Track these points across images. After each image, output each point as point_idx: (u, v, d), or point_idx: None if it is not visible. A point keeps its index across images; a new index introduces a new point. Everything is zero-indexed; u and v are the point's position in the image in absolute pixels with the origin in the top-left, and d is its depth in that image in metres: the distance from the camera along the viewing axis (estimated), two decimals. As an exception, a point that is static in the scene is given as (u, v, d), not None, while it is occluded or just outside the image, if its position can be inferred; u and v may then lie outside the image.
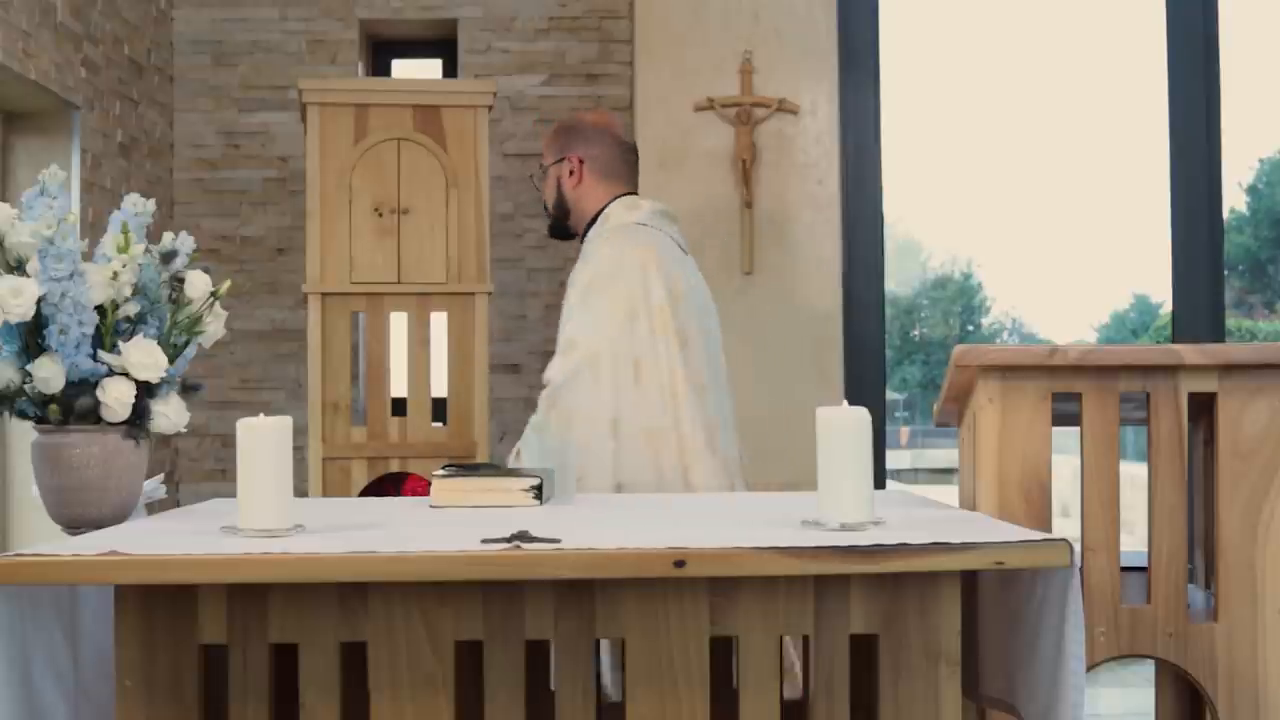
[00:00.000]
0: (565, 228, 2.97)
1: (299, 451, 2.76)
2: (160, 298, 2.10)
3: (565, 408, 2.63)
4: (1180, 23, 4.76)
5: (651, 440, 2.60)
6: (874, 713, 1.70)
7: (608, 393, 2.60)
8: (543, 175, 2.98)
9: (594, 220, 2.88)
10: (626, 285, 2.66)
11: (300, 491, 3.81)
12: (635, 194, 2.93)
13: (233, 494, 1.81)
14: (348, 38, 5.50)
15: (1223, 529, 2.20)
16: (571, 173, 2.91)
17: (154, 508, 2.32)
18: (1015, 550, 1.62)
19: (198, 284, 2.12)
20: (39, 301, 1.95)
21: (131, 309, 2.05)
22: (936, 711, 1.67)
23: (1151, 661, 2.26)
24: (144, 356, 2.00)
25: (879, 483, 4.71)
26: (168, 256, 2.10)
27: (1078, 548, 1.73)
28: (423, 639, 1.65)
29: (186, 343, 2.14)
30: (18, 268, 2.00)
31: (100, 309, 2.01)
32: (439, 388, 3.83)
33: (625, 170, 2.92)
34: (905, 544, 1.59)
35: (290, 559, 1.56)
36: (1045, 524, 2.17)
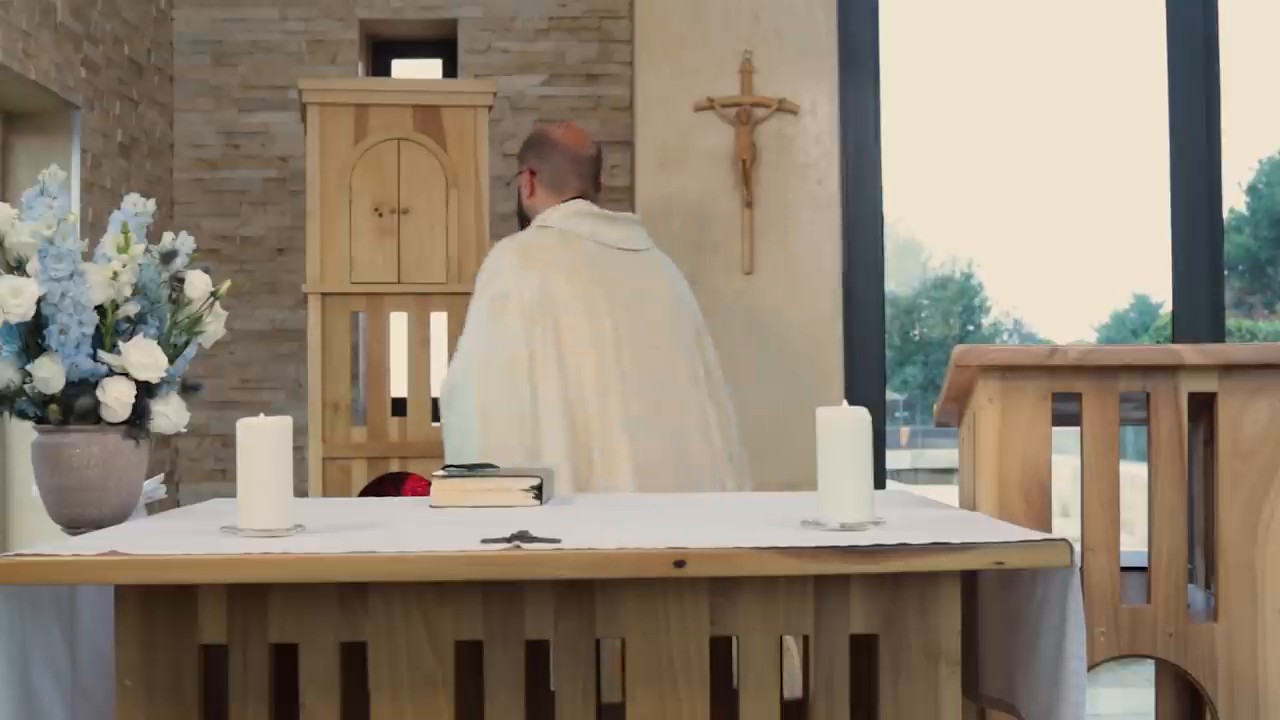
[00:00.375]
0: None
1: (299, 451, 2.76)
2: (160, 298, 2.10)
3: (455, 408, 2.74)
4: (1180, 23, 4.76)
5: (522, 440, 2.65)
6: (874, 713, 1.70)
7: (483, 390, 2.69)
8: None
9: None
10: (500, 285, 2.75)
11: (300, 491, 3.81)
12: (580, 197, 2.94)
13: (233, 494, 1.81)
14: (348, 38, 5.50)
15: (1223, 529, 2.20)
16: (526, 184, 3.01)
17: (154, 508, 2.32)
18: (1015, 550, 1.62)
19: (198, 284, 2.12)
20: (39, 301, 1.95)
21: (131, 309, 2.05)
22: (936, 711, 1.67)
23: (1151, 661, 2.26)
24: (144, 356, 2.00)
25: (879, 483, 4.71)
26: (168, 256, 2.10)
27: (1078, 548, 1.73)
28: (423, 639, 1.65)
29: (186, 343, 2.14)
30: (18, 268, 1.99)
31: (100, 309, 2.01)
32: (439, 388, 3.83)
33: (575, 180, 2.96)
34: (905, 544, 1.59)
35: (290, 559, 1.56)
36: (1045, 524, 2.17)
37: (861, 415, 1.75)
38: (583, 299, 2.72)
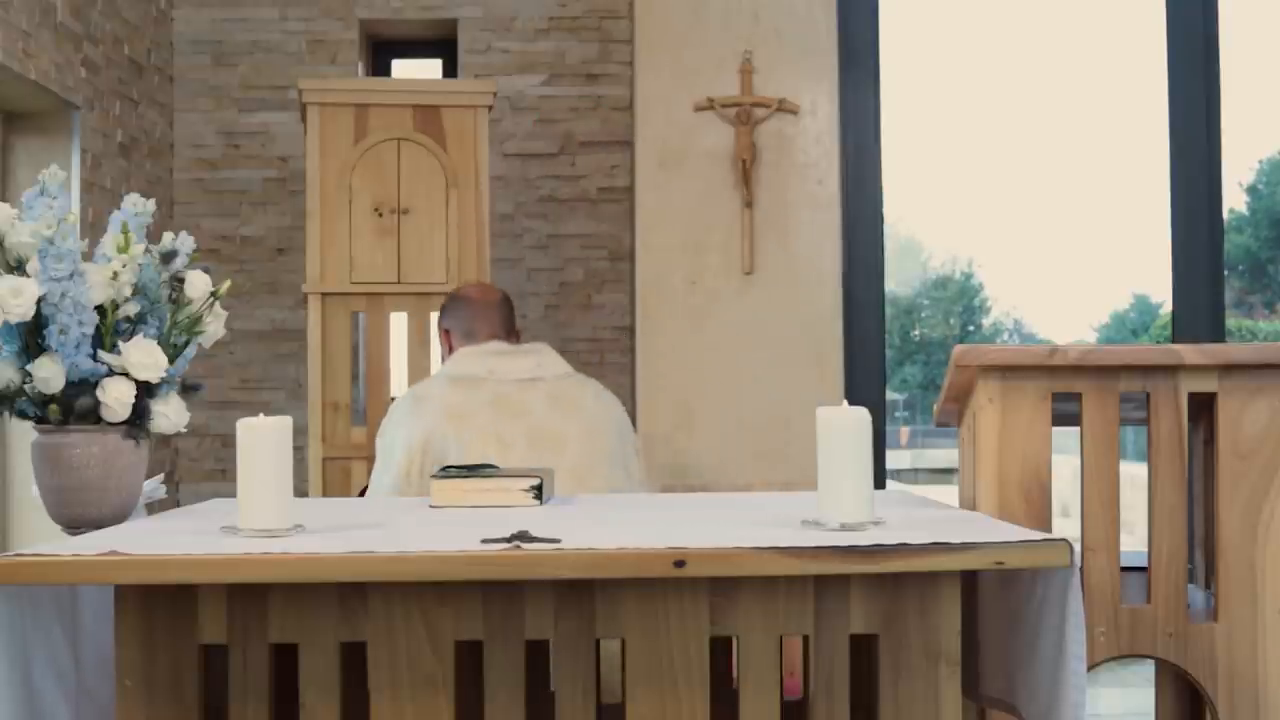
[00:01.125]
0: None
1: (299, 451, 2.76)
2: (160, 298, 2.10)
3: None
4: (1180, 23, 4.76)
5: None
6: (874, 713, 1.70)
7: None
8: None
9: None
10: (390, 435, 2.85)
11: (300, 491, 3.81)
12: (492, 340, 2.98)
13: (233, 494, 1.81)
14: (348, 38, 5.50)
15: (1223, 529, 2.20)
16: (445, 344, 3.09)
17: (154, 508, 2.32)
18: (1015, 550, 1.62)
19: (198, 284, 2.12)
20: (39, 301, 1.95)
21: (131, 309, 2.05)
22: (936, 711, 1.67)
23: (1151, 661, 2.26)
24: (144, 356, 2.00)
25: (879, 483, 4.71)
26: (168, 256, 2.10)
27: (1078, 548, 1.73)
28: (423, 639, 1.65)
29: (186, 343, 2.14)
30: (18, 268, 1.99)
31: (100, 309, 2.01)
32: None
33: (484, 326, 3.00)
34: (905, 544, 1.59)
35: (290, 559, 1.56)
36: (1045, 524, 2.17)
37: (861, 415, 1.75)
38: (474, 437, 2.76)
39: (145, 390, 2.04)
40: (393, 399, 3.07)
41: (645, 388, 4.66)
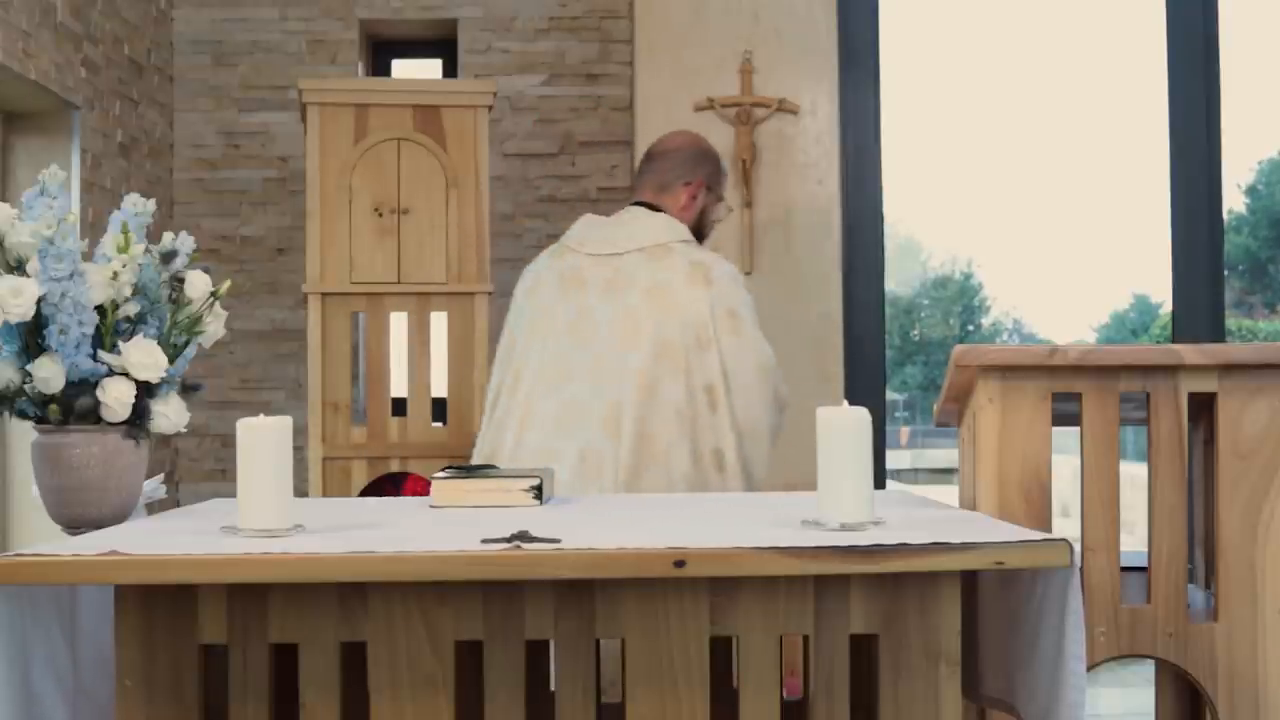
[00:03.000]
0: None
1: (299, 451, 2.76)
2: (160, 298, 2.10)
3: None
4: (1180, 23, 4.76)
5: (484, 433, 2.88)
6: (874, 713, 1.70)
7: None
8: None
9: None
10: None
11: (300, 491, 3.80)
12: (633, 205, 2.93)
13: (233, 494, 1.81)
14: (348, 38, 5.50)
15: (1223, 529, 2.20)
16: None
17: (154, 508, 2.32)
18: (1015, 550, 1.62)
19: (198, 284, 2.12)
20: (39, 301, 1.95)
21: (131, 309, 2.05)
22: (936, 711, 1.67)
23: (1151, 661, 2.26)
24: (144, 356, 2.00)
25: (879, 483, 4.71)
26: (168, 256, 2.10)
27: (1078, 548, 1.73)
28: (423, 639, 1.65)
29: (186, 343, 2.14)
30: (18, 268, 2.00)
31: (100, 309, 2.01)
32: (439, 388, 3.84)
33: (638, 183, 2.97)
34: (905, 544, 1.59)
35: (290, 559, 1.56)
36: (1045, 524, 2.17)
37: (861, 415, 1.75)
38: (535, 311, 2.79)
39: (145, 390, 2.04)
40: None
41: (645, 388, 4.64)
